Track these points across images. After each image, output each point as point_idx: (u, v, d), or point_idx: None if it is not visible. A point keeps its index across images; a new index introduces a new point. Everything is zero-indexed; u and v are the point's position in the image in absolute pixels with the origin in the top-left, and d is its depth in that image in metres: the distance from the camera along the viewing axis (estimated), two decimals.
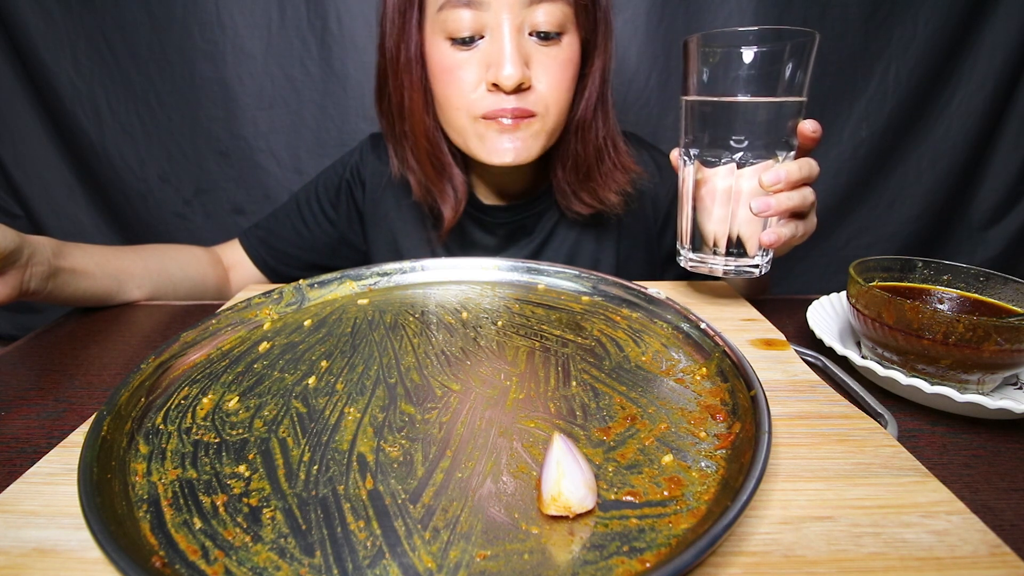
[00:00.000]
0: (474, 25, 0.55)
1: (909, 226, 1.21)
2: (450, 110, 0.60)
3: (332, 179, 0.75)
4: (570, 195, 0.68)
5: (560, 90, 0.60)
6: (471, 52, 0.57)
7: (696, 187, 0.50)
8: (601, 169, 0.66)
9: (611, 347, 0.43)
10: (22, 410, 0.40)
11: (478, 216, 0.71)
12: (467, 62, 0.57)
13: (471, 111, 0.59)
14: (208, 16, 1.02)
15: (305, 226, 0.75)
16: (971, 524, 0.26)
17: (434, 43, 0.58)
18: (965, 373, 0.39)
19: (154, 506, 0.27)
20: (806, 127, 0.47)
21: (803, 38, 0.44)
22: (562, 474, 0.26)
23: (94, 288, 0.58)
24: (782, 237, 0.48)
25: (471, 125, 0.60)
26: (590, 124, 0.64)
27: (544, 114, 0.60)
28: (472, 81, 0.58)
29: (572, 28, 0.59)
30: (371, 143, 0.76)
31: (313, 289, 0.52)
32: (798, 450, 0.32)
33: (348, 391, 0.37)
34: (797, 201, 0.47)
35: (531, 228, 0.72)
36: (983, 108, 1.12)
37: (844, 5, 1.05)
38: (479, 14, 0.55)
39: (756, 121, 0.46)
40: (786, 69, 0.44)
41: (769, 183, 0.46)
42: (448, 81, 0.59)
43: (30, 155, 1.12)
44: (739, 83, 0.45)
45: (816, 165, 0.48)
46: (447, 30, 0.56)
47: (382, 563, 0.24)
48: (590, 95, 0.63)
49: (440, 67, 0.59)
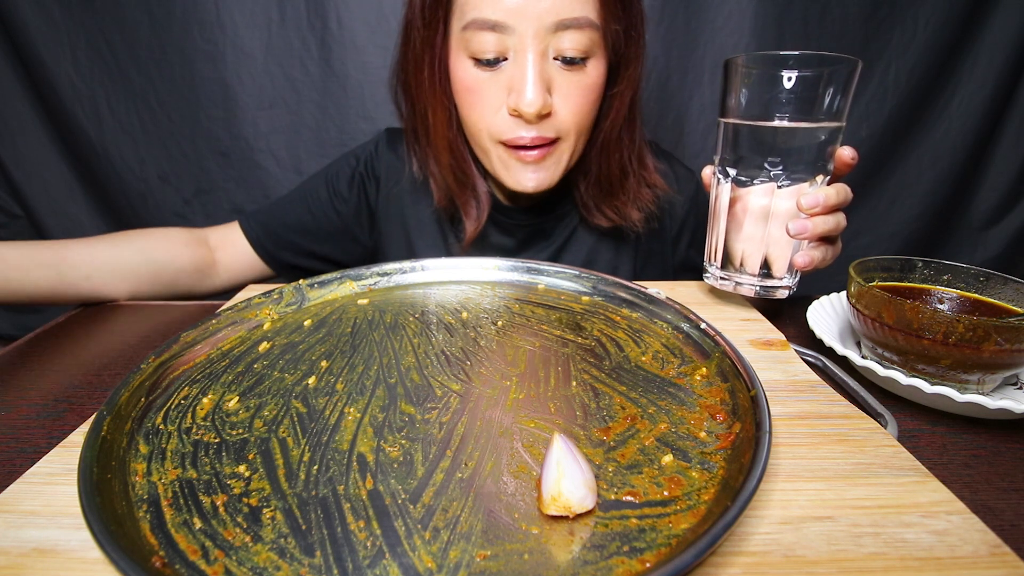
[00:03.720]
0: (498, 48, 0.54)
1: (909, 226, 1.21)
2: (473, 129, 0.60)
3: (344, 169, 0.74)
4: (592, 208, 0.68)
5: (581, 115, 0.59)
6: (494, 73, 0.56)
7: (730, 204, 0.50)
8: (625, 186, 0.66)
9: (611, 347, 0.43)
10: (22, 410, 0.40)
11: (498, 218, 0.70)
12: (490, 83, 0.56)
13: (492, 134, 0.59)
14: (208, 16, 1.02)
15: (310, 213, 0.73)
16: (971, 524, 0.26)
17: (458, 61, 0.58)
18: (965, 373, 0.39)
19: (154, 506, 0.27)
20: (844, 154, 0.47)
21: (845, 65, 0.44)
22: (562, 474, 0.26)
23: (29, 281, 0.55)
24: (815, 260, 0.48)
25: (493, 148, 0.60)
26: (615, 143, 0.64)
27: (565, 138, 0.59)
28: (494, 104, 0.57)
29: (599, 52, 0.58)
30: (388, 138, 0.74)
31: (313, 289, 0.52)
32: (798, 450, 0.32)
33: (348, 391, 0.37)
34: (832, 225, 0.48)
35: (550, 232, 0.72)
36: (983, 108, 1.12)
37: (844, 5, 1.05)
38: (503, 37, 0.54)
39: (795, 145, 0.46)
40: (826, 94, 0.44)
41: (808, 206, 0.46)
42: (471, 102, 0.58)
43: (30, 155, 1.11)
44: (778, 105, 0.45)
45: (850, 191, 0.49)
46: (471, 50, 0.56)
47: (382, 563, 0.24)
48: (616, 116, 0.62)
49: (463, 85, 0.58)
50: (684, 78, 1.09)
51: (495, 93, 0.57)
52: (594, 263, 0.72)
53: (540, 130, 0.57)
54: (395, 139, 0.74)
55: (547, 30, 0.53)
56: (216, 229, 0.73)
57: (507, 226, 0.71)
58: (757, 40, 1.06)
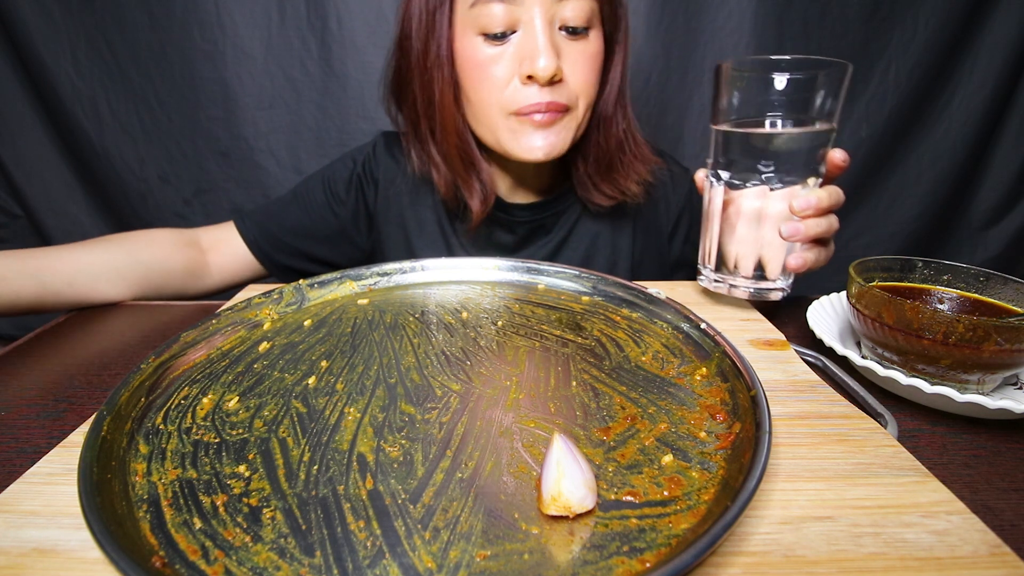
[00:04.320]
0: (507, 20, 0.57)
1: (909, 226, 1.21)
2: (482, 106, 0.61)
3: (341, 172, 0.74)
4: (591, 188, 0.69)
5: (589, 83, 0.61)
6: (503, 47, 0.58)
7: (723, 207, 0.50)
8: (623, 160, 0.68)
9: (611, 347, 0.43)
10: (22, 410, 0.40)
11: (499, 215, 0.71)
12: (500, 57, 0.58)
13: (504, 106, 0.60)
14: (208, 16, 1.02)
15: (307, 215, 0.73)
16: (971, 524, 0.26)
17: (465, 39, 0.59)
18: (965, 373, 0.39)
19: (154, 506, 0.27)
20: (836, 156, 0.47)
21: (836, 68, 0.44)
22: (562, 474, 0.26)
23: (11, 291, 0.55)
24: (807, 262, 0.49)
25: (503, 121, 0.61)
26: (611, 118, 0.66)
27: (575, 108, 0.61)
28: (505, 76, 0.59)
29: (597, 23, 0.60)
30: (384, 141, 0.75)
31: (313, 289, 0.52)
32: (798, 450, 0.32)
33: (348, 391, 0.37)
34: (824, 228, 0.48)
35: (550, 227, 0.73)
36: (983, 108, 1.12)
37: (844, 5, 1.05)
38: (512, 8, 0.56)
39: (786, 149, 0.47)
40: (817, 98, 0.45)
41: (800, 209, 0.47)
42: (481, 77, 0.59)
43: (30, 155, 1.11)
44: (770, 109, 0.45)
45: (842, 193, 0.49)
46: (480, 26, 0.57)
47: (382, 563, 0.24)
48: (611, 89, 0.65)
49: (472, 63, 0.59)
50: (684, 78, 1.09)
51: (506, 66, 0.58)
52: (594, 256, 0.73)
53: (553, 95, 0.59)
54: (392, 142, 0.75)
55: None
56: (208, 230, 0.72)
57: (508, 223, 0.72)
58: (757, 40, 1.06)
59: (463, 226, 0.71)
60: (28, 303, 0.56)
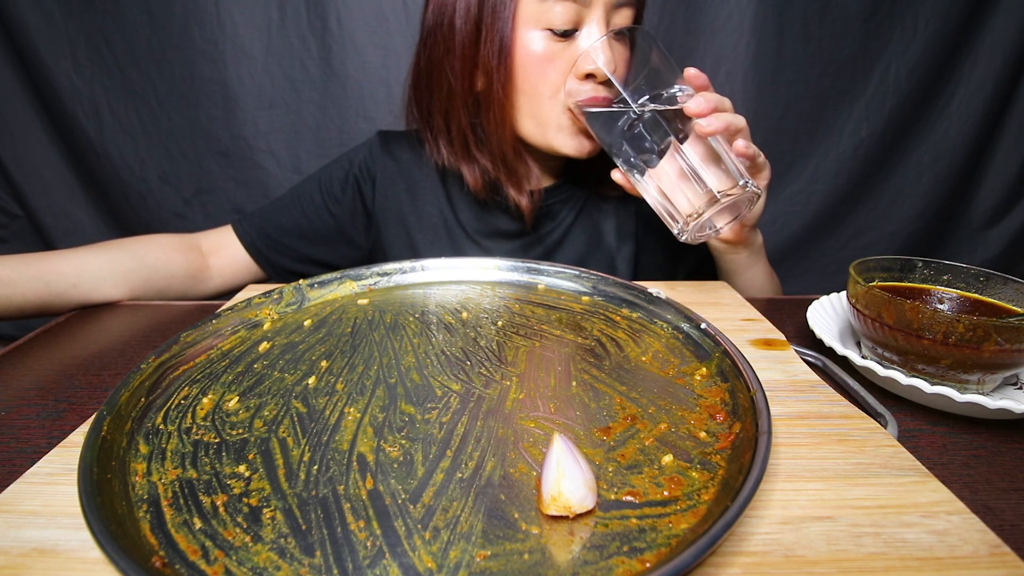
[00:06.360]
0: (575, 19, 0.59)
1: (909, 226, 1.21)
2: (538, 99, 0.62)
3: (338, 173, 0.75)
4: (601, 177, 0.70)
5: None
6: (566, 44, 0.60)
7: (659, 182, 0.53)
8: None
9: (611, 347, 0.43)
10: (22, 410, 0.40)
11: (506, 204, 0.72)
12: (562, 53, 0.60)
13: (561, 101, 0.61)
14: (208, 16, 1.02)
15: (304, 216, 0.74)
16: (971, 524, 0.26)
17: (527, 33, 0.60)
18: (965, 373, 0.39)
19: (154, 506, 0.27)
20: (690, 72, 0.52)
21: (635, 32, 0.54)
22: (562, 474, 0.26)
23: (18, 294, 0.56)
24: (750, 147, 0.52)
25: (556, 116, 0.62)
26: None
27: None
28: (564, 71, 0.60)
29: None
30: (381, 140, 0.76)
31: (313, 289, 0.52)
32: (798, 450, 0.32)
33: (348, 391, 0.37)
34: (729, 118, 0.51)
35: (556, 214, 0.74)
36: (983, 108, 1.12)
37: (844, 5, 1.05)
38: (581, 9, 0.58)
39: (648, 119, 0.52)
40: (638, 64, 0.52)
41: (695, 109, 0.49)
42: (542, 71, 0.61)
43: (30, 155, 1.11)
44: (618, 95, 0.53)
45: (721, 98, 0.52)
46: (545, 21, 0.59)
47: (382, 563, 0.24)
48: None
49: (535, 57, 0.61)
50: None
51: (566, 62, 0.60)
52: (598, 246, 0.74)
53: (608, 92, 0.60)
54: (390, 141, 0.75)
55: (613, 4, 0.60)
56: (208, 234, 0.73)
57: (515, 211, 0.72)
58: (757, 40, 1.06)
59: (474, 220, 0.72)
60: (35, 306, 0.57)
